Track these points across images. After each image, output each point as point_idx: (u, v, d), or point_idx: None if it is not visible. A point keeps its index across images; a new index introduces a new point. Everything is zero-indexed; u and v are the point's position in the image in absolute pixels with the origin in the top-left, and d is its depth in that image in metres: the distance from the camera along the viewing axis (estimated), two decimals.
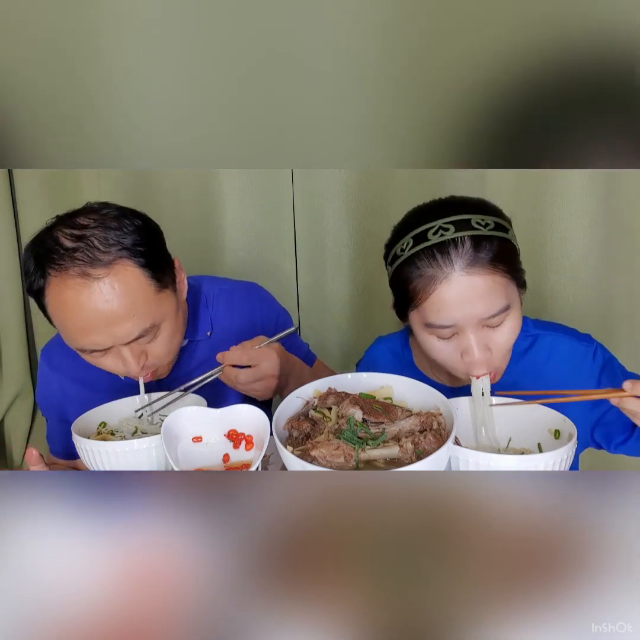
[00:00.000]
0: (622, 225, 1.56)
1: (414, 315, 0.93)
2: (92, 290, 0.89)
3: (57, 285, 0.90)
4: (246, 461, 0.84)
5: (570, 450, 0.76)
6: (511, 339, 0.92)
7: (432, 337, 0.92)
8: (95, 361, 0.99)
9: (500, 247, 0.88)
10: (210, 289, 1.22)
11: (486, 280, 0.86)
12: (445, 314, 0.87)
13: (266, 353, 0.98)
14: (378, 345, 1.20)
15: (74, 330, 0.93)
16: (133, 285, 0.92)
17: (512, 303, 0.90)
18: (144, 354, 0.98)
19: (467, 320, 0.87)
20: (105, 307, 0.89)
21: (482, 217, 0.89)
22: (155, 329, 0.97)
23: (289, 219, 1.71)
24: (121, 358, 0.97)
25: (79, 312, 0.90)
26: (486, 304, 0.87)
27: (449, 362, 0.93)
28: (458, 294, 0.86)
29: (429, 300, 0.88)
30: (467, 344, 0.89)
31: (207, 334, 1.17)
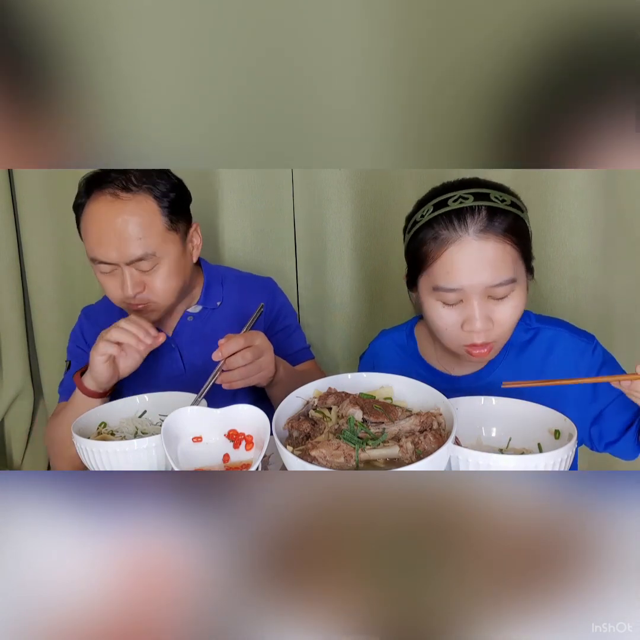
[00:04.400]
0: (622, 225, 1.56)
1: (423, 281, 0.96)
2: (115, 207, 1.10)
3: (94, 200, 1.12)
4: (246, 461, 0.84)
5: (570, 450, 0.76)
6: (512, 316, 0.94)
7: (438, 304, 0.94)
8: (102, 280, 1.17)
9: (514, 221, 0.92)
10: (227, 273, 1.39)
11: (496, 248, 0.90)
12: (454, 277, 0.90)
13: (254, 333, 1.07)
14: (382, 338, 1.22)
15: (93, 239, 1.12)
16: (148, 215, 1.12)
17: (519, 279, 0.93)
18: (141, 284, 1.15)
19: (474, 286, 0.90)
20: (120, 224, 1.10)
21: (501, 194, 0.94)
22: (155, 260, 1.14)
23: (289, 219, 1.71)
24: (121, 281, 1.13)
25: (100, 222, 1.11)
26: (493, 272, 0.90)
27: (448, 331, 0.95)
28: (468, 257, 0.90)
29: (440, 261, 0.91)
30: (470, 313, 0.91)
31: (217, 303, 1.33)
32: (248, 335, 1.05)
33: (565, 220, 1.53)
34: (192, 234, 1.24)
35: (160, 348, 1.25)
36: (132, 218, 1.11)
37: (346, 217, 1.67)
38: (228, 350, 1.01)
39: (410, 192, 1.65)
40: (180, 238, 1.19)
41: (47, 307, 1.80)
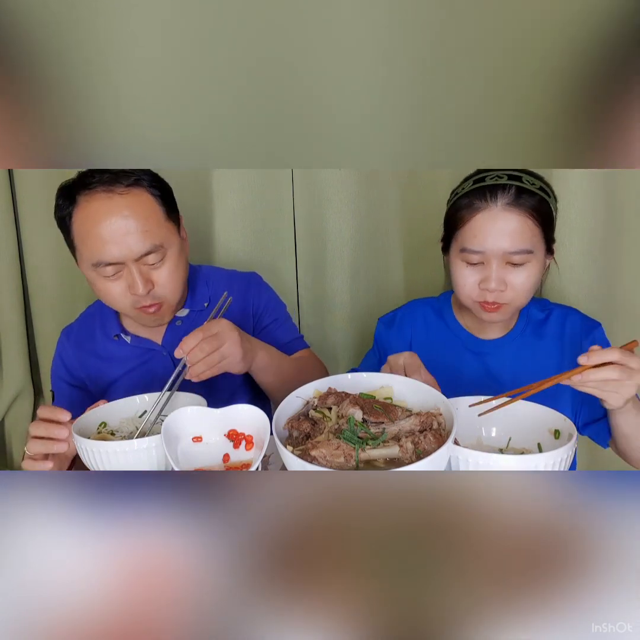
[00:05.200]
0: (622, 225, 1.56)
1: (454, 245, 1.11)
2: (114, 202, 1.06)
3: (85, 202, 1.07)
4: (246, 461, 0.84)
5: (570, 450, 0.76)
6: (525, 284, 1.06)
7: (462, 264, 1.09)
8: (105, 288, 1.11)
9: (539, 203, 1.04)
10: (211, 273, 1.35)
11: (519, 221, 1.03)
12: (479, 240, 1.05)
13: (213, 322, 1.04)
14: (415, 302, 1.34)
15: (95, 241, 1.07)
16: (147, 206, 1.09)
17: (536, 253, 1.05)
18: (150, 282, 1.11)
19: (494, 250, 1.04)
20: (123, 219, 1.06)
21: (532, 179, 1.06)
22: (163, 252, 1.11)
23: (289, 219, 1.71)
24: (130, 280, 1.09)
25: (102, 220, 1.06)
26: (513, 241, 1.03)
27: (467, 287, 1.10)
28: (493, 224, 1.04)
29: (469, 225, 1.06)
30: (488, 273, 1.06)
31: (204, 304, 1.29)
32: (206, 326, 1.01)
33: (565, 221, 1.53)
34: (182, 225, 1.22)
35: (153, 357, 1.26)
36: (134, 211, 1.08)
37: (346, 217, 1.67)
38: (188, 346, 0.98)
39: (410, 192, 1.65)
40: (176, 229, 1.18)
41: (47, 307, 1.80)
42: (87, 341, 1.30)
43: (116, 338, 1.27)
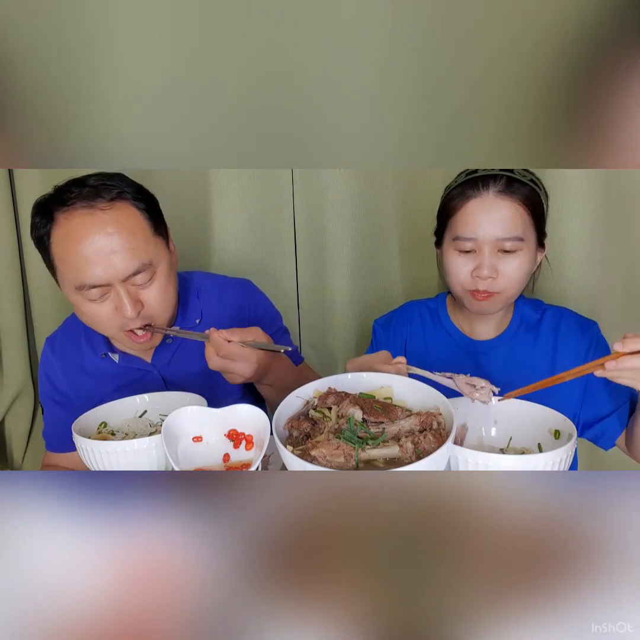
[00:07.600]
0: (622, 225, 1.56)
1: (447, 235, 1.12)
2: (96, 219, 0.97)
3: (64, 220, 0.98)
4: (246, 461, 0.84)
5: (570, 450, 0.76)
6: (516, 272, 1.07)
7: (455, 253, 1.10)
8: (91, 311, 1.02)
9: (530, 193, 1.06)
10: (202, 282, 1.26)
11: (510, 207, 1.05)
12: (471, 227, 1.06)
13: (246, 355, 0.97)
14: (411, 303, 1.35)
15: (77, 262, 0.97)
16: (132, 221, 1.00)
17: (527, 241, 1.06)
18: (140, 302, 1.02)
19: (486, 237, 1.05)
20: (107, 237, 0.96)
21: (523, 172, 1.09)
22: (152, 269, 1.02)
23: (289, 219, 1.71)
24: (117, 302, 1.00)
25: (84, 239, 0.96)
26: (504, 227, 1.05)
27: (459, 276, 1.10)
28: (485, 210, 1.05)
29: (461, 212, 1.08)
30: (480, 261, 1.06)
31: (196, 321, 1.20)
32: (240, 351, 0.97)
33: (565, 221, 1.53)
34: (170, 237, 1.13)
35: (143, 376, 1.19)
36: (119, 227, 0.97)
37: (346, 217, 1.67)
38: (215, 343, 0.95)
39: (410, 191, 1.65)
40: (165, 242, 1.08)
41: (47, 307, 1.80)
42: (73, 354, 1.22)
43: (103, 356, 1.20)
